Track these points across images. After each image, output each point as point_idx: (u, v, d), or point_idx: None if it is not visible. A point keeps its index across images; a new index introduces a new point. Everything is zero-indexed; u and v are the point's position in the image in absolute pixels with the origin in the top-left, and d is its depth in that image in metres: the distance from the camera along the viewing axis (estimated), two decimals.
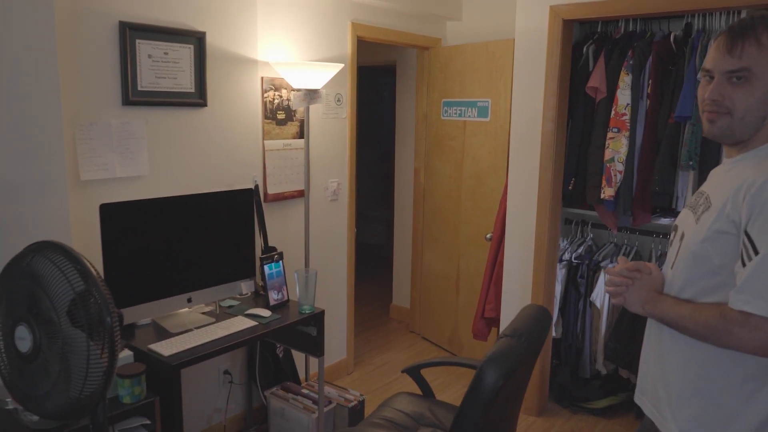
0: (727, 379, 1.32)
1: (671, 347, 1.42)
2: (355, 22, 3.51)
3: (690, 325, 1.30)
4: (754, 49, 1.28)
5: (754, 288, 1.19)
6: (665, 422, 1.42)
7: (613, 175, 3.06)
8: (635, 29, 3.19)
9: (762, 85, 1.29)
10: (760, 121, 1.32)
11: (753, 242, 1.20)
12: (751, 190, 1.23)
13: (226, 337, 2.37)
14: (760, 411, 1.29)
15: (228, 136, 2.89)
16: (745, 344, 1.22)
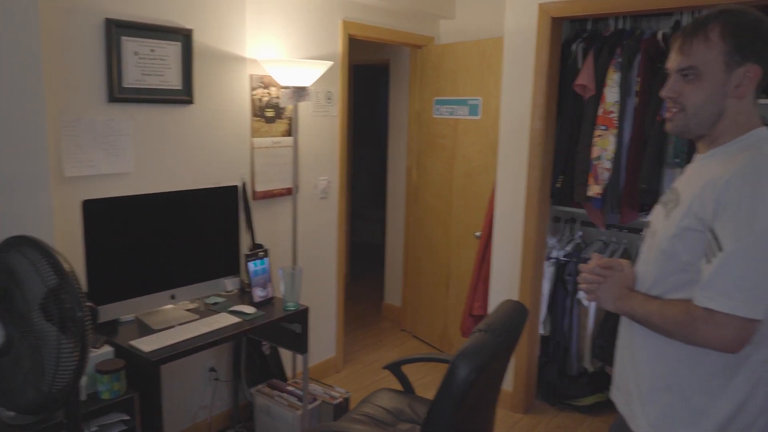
0: (694, 375, 1.32)
1: (641, 344, 1.42)
2: (347, 20, 3.52)
3: (658, 321, 1.31)
4: (702, 47, 1.30)
5: (718, 285, 1.20)
6: (635, 418, 1.43)
7: (600, 172, 3.06)
8: (624, 27, 3.18)
9: (711, 82, 1.31)
10: (715, 117, 1.33)
11: (717, 239, 1.21)
12: (716, 187, 1.23)
13: (209, 333, 2.38)
14: (728, 405, 1.30)
15: (215, 133, 2.90)
16: (710, 341, 1.22)
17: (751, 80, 1.30)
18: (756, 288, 1.18)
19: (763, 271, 1.18)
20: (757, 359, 1.28)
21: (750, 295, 1.18)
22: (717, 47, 1.29)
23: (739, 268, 1.18)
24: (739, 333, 1.19)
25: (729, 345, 1.21)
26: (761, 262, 1.18)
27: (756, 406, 1.30)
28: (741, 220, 1.18)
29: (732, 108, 1.32)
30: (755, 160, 1.24)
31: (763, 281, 1.19)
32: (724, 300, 1.19)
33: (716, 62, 1.29)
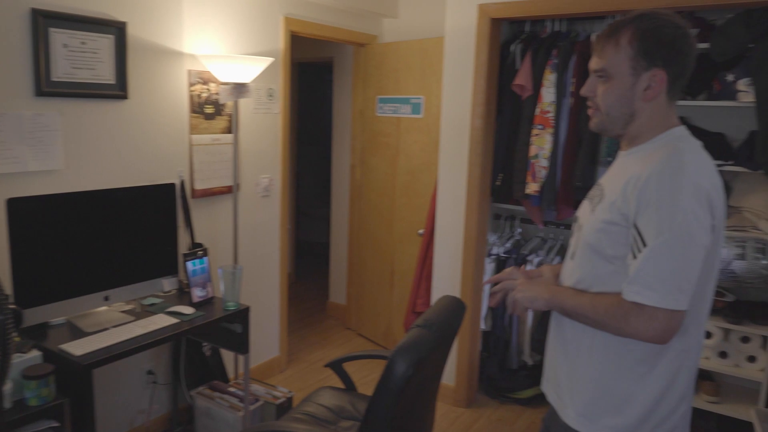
0: (620, 365, 1.37)
1: (570, 337, 1.46)
2: (289, 17, 3.49)
3: (590, 314, 1.34)
4: (612, 50, 1.36)
5: (644, 279, 1.23)
6: (564, 408, 1.47)
7: (538, 170, 3.14)
8: (561, 30, 3.27)
9: (619, 84, 1.37)
10: (627, 117, 1.39)
11: (641, 235, 1.25)
12: (638, 185, 1.28)
13: (145, 335, 2.31)
14: (652, 392, 1.35)
15: (152, 129, 2.82)
16: (640, 333, 1.26)
17: (658, 84, 1.35)
18: (679, 280, 1.23)
19: (685, 264, 1.23)
20: (678, 348, 1.34)
21: (674, 287, 1.22)
22: (624, 51, 1.34)
23: (663, 262, 1.22)
24: (668, 324, 1.23)
25: (658, 336, 1.25)
26: (683, 255, 1.23)
27: (677, 392, 1.36)
28: (662, 216, 1.23)
29: (644, 109, 1.38)
30: (672, 159, 1.28)
31: (686, 273, 1.24)
32: (649, 293, 1.23)
33: (623, 65, 1.35)
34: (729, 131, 3.03)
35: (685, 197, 1.23)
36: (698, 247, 1.25)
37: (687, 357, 1.36)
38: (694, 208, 1.23)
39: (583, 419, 1.42)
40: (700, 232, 1.24)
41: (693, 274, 1.26)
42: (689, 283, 1.25)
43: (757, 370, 2.93)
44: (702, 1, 2.61)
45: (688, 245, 1.23)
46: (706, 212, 1.25)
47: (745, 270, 2.76)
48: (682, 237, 1.23)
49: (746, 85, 2.82)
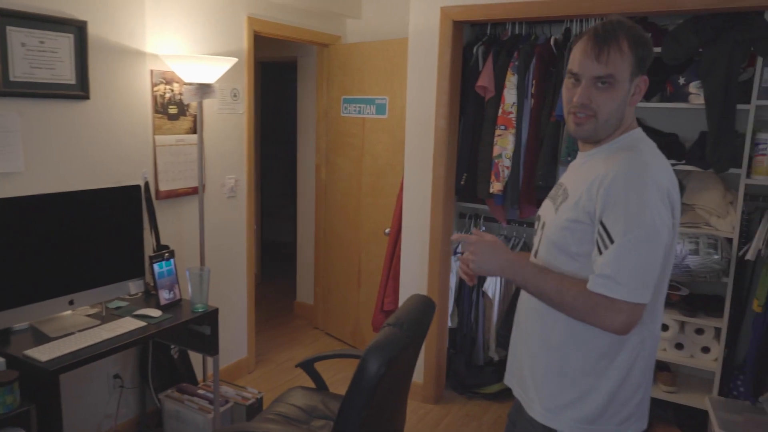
0: (583, 359, 1.42)
1: (534, 333, 1.51)
2: (252, 17, 3.47)
3: (555, 297, 1.36)
4: (618, 56, 1.35)
5: (612, 274, 1.28)
6: (530, 402, 1.52)
7: (501, 170, 3.21)
8: (521, 32, 3.36)
9: (622, 90, 1.38)
10: (618, 123, 1.42)
11: (608, 232, 1.30)
12: (604, 183, 1.33)
13: (112, 339, 2.28)
14: (611, 383, 1.42)
15: (114, 130, 2.78)
16: (606, 325, 1.30)
17: (642, 89, 1.42)
18: (645, 275, 1.29)
19: (649, 260, 1.30)
20: (635, 340, 1.40)
21: (640, 282, 1.28)
22: (627, 58, 1.36)
23: (631, 258, 1.28)
24: (631, 317, 1.29)
25: (622, 329, 1.30)
26: (648, 251, 1.29)
27: (634, 381, 1.43)
28: (630, 215, 1.28)
29: (627, 114, 1.43)
30: (635, 159, 1.35)
31: (650, 269, 1.30)
32: (618, 288, 1.28)
33: (626, 72, 1.37)
34: (681, 132, 3.16)
35: (650, 196, 1.29)
36: (661, 244, 1.31)
37: (643, 348, 1.42)
38: (658, 206, 1.30)
39: (549, 413, 1.47)
40: (663, 229, 1.31)
41: (656, 269, 1.32)
42: (653, 278, 1.31)
43: (710, 361, 3.07)
44: (654, 8, 2.71)
45: (654, 242, 1.30)
46: (668, 210, 1.32)
47: (698, 265, 2.88)
48: (648, 234, 1.29)
49: (697, 87, 2.95)
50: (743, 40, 2.75)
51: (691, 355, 3.12)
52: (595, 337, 1.39)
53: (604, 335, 1.38)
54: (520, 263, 1.43)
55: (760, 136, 2.84)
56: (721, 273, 2.92)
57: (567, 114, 1.46)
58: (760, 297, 2.83)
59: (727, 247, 2.92)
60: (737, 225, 2.89)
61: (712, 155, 2.86)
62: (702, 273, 2.92)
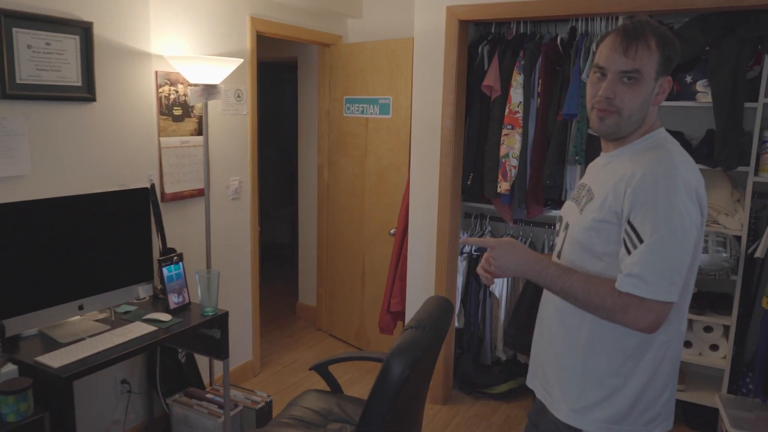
0: (609, 359, 1.42)
1: (559, 334, 1.50)
2: (254, 17, 3.44)
3: (582, 297, 1.35)
4: (646, 53, 1.36)
5: (642, 273, 1.28)
6: (555, 403, 1.51)
7: (508, 170, 3.21)
8: (526, 31, 3.35)
9: (647, 87, 1.38)
10: (641, 121, 1.42)
11: (636, 231, 1.30)
12: (631, 183, 1.32)
13: (123, 344, 2.26)
14: (638, 383, 1.41)
15: (120, 132, 2.74)
16: (636, 323, 1.30)
17: (666, 90, 1.42)
18: (673, 274, 1.29)
19: (678, 259, 1.30)
20: (662, 339, 1.40)
21: (669, 281, 1.29)
22: (654, 56, 1.36)
23: (659, 258, 1.28)
24: (660, 316, 1.29)
25: (649, 327, 1.30)
26: (677, 251, 1.30)
27: (661, 381, 1.43)
28: (658, 214, 1.28)
29: (651, 113, 1.43)
30: (663, 159, 1.35)
31: (678, 268, 1.30)
32: (647, 287, 1.27)
33: (653, 70, 1.37)
34: (688, 130, 3.18)
35: (679, 195, 1.29)
36: (690, 243, 1.32)
37: (669, 347, 1.42)
38: (687, 205, 1.30)
39: (575, 414, 1.46)
40: (692, 228, 1.31)
41: (684, 268, 1.32)
42: (681, 277, 1.31)
43: (719, 358, 3.08)
44: (661, 6, 2.72)
45: (682, 241, 1.30)
46: (696, 209, 1.32)
47: (707, 263, 2.89)
48: (677, 234, 1.29)
49: (704, 86, 2.96)
50: (750, 38, 2.76)
51: (699, 353, 3.13)
52: (621, 336, 1.39)
53: (630, 335, 1.37)
54: (542, 263, 1.42)
55: (767, 134, 2.85)
56: (730, 271, 2.93)
57: (590, 109, 1.45)
58: None
59: (736, 245, 2.93)
60: (746, 223, 2.90)
61: (720, 153, 2.87)
62: (711, 271, 2.93)
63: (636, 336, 1.38)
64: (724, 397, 2.94)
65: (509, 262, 1.43)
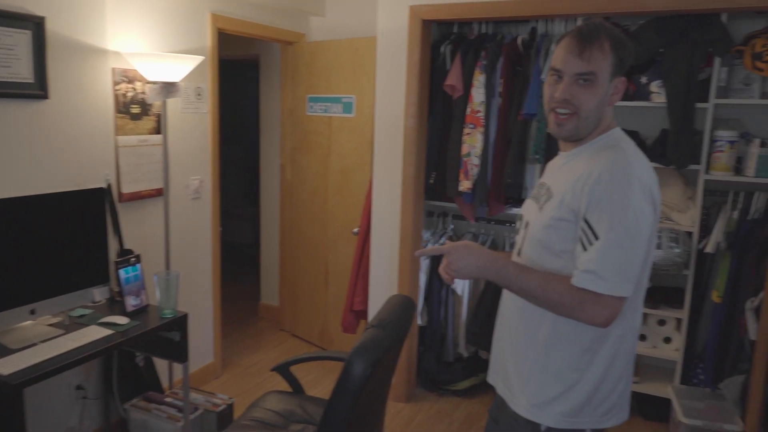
0: (568, 355, 1.45)
1: (518, 329, 1.53)
2: (215, 14, 3.39)
3: (540, 294, 1.37)
4: (600, 55, 1.39)
5: (597, 269, 1.30)
6: (515, 398, 1.53)
7: (470, 168, 3.23)
8: (488, 31, 3.38)
9: (602, 88, 1.41)
10: (597, 122, 1.45)
11: (592, 228, 1.33)
12: (589, 181, 1.35)
13: (77, 349, 2.19)
14: (594, 376, 1.44)
15: (75, 131, 2.67)
16: (592, 319, 1.33)
17: (620, 90, 1.46)
18: (628, 270, 1.33)
19: (632, 256, 1.33)
20: (617, 334, 1.43)
21: (624, 277, 1.32)
22: (608, 57, 1.40)
23: (615, 254, 1.31)
24: (614, 311, 1.33)
25: (605, 321, 1.33)
26: (631, 248, 1.33)
27: (616, 373, 1.47)
28: (614, 213, 1.32)
29: (606, 114, 1.46)
30: (619, 159, 1.38)
31: (632, 264, 1.34)
32: (603, 283, 1.30)
33: (607, 71, 1.41)
34: (643, 129, 3.26)
35: (634, 194, 1.33)
36: (644, 240, 1.35)
37: (624, 341, 1.45)
38: (642, 204, 1.33)
39: (534, 408, 1.48)
40: (645, 226, 1.34)
41: (639, 264, 1.36)
42: (635, 273, 1.35)
43: (672, 350, 3.18)
44: (617, 8, 2.78)
45: (636, 239, 1.33)
46: (650, 207, 1.36)
47: (661, 258, 2.98)
48: (631, 231, 1.32)
49: (658, 87, 3.04)
50: (702, 41, 2.85)
51: (653, 346, 3.22)
52: (579, 332, 1.42)
53: (587, 330, 1.40)
54: (500, 263, 1.42)
55: (717, 134, 2.95)
56: (682, 266, 3.03)
57: (548, 112, 1.48)
58: (719, 288, 2.95)
59: (688, 241, 3.03)
60: (697, 219, 2.99)
61: (673, 152, 2.96)
62: (665, 266, 3.01)
63: (592, 331, 1.41)
64: (676, 387, 3.04)
65: (467, 264, 1.42)
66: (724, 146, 2.93)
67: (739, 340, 2.93)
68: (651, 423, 3.23)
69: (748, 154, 2.95)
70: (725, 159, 2.93)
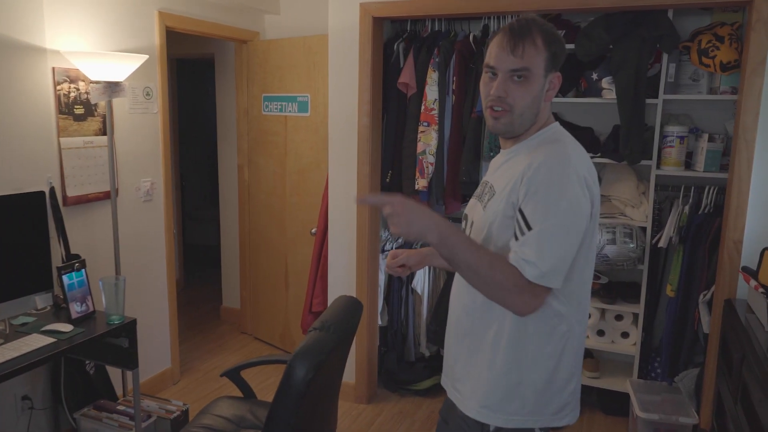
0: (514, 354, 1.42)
1: (467, 330, 1.50)
2: (163, 11, 3.31)
3: (484, 271, 1.29)
4: (533, 50, 1.37)
5: (529, 259, 1.27)
6: (465, 400, 1.51)
7: (426, 166, 3.22)
8: (441, 29, 3.37)
9: (537, 84, 1.39)
10: (533, 118, 1.44)
11: (526, 219, 1.31)
12: (527, 173, 1.34)
13: (17, 358, 2.12)
14: (541, 374, 1.43)
15: (13, 132, 2.57)
16: (520, 307, 1.31)
17: (555, 86, 1.44)
18: (561, 262, 1.31)
19: (566, 248, 1.32)
20: (562, 330, 1.42)
21: (555, 268, 1.30)
22: (541, 53, 1.38)
23: (549, 245, 1.29)
24: (541, 301, 1.33)
25: (530, 311, 1.32)
26: (565, 239, 1.31)
27: (566, 371, 1.45)
28: (548, 202, 1.30)
29: (543, 109, 1.45)
30: (558, 152, 1.37)
31: (565, 256, 1.32)
32: (538, 272, 1.27)
33: (541, 66, 1.39)
34: (596, 126, 3.28)
35: (571, 186, 1.31)
36: (578, 232, 1.34)
37: (570, 336, 1.44)
38: (578, 196, 1.32)
39: (484, 410, 1.46)
40: (580, 219, 1.33)
41: (571, 256, 1.35)
42: (566, 265, 1.33)
43: (630, 345, 3.21)
44: (567, 5, 2.79)
45: (570, 230, 1.32)
46: (587, 200, 1.35)
47: (616, 254, 3.00)
48: (566, 222, 1.31)
49: (608, 83, 3.07)
50: (650, 37, 2.87)
51: (612, 341, 3.25)
52: (524, 330, 1.40)
53: (532, 328, 1.39)
54: (450, 227, 1.29)
55: (667, 129, 2.98)
56: (636, 261, 3.05)
57: (485, 108, 1.46)
58: (673, 282, 2.98)
59: (642, 236, 3.05)
60: (650, 214, 3.02)
61: (625, 148, 2.98)
62: (619, 261, 3.04)
63: (536, 327, 1.39)
64: (634, 382, 3.06)
65: (417, 218, 1.26)
66: (674, 141, 2.96)
67: (694, 333, 2.97)
68: (612, 418, 3.25)
69: (697, 149, 3.00)
70: (675, 154, 2.97)
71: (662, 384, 3.05)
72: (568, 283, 1.38)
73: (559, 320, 1.40)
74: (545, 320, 1.40)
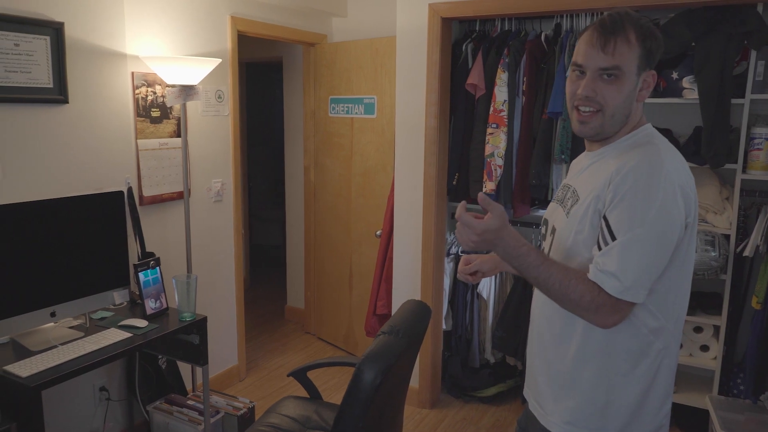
0: (602, 369, 1.35)
1: (550, 344, 1.43)
2: (235, 16, 3.39)
3: (556, 288, 1.26)
4: (625, 47, 1.29)
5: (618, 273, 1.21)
6: (547, 415, 1.45)
7: (494, 169, 3.15)
8: (510, 28, 3.30)
9: (629, 83, 1.32)
10: (625, 119, 1.35)
11: (610, 228, 1.24)
12: (615, 179, 1.26)
13: (96, 351, 2.20)
14: (634, 393, 1.34)
15: (95, 135, 2.69)
16: (601, 321, 1.26)
17: (650, 85, 1.36)
18: (644, 276, 1.23)
19: (652, 260, 1.24)
20: (658, 347, 1.33)
21: (641, 283, 1.23)
22: (635, 50, 1.30)
23: (633, 257, 1.22)
24: (624, 316, 1.25)
25: (611, 325, 1.26)
26: (652, 251, 1.23)
27: (661, 390, 1.36)
28: (635, 211, 1.22)
29: (635, 110, 1.36)
30: (651, 155, 1.28)
31: (651, 269, 1.24)
32: (621, 287, 1.21)
33: (633, 64, 1.31)
34: (675, 127, 3.12)
35: (660, 193, 1.22)
36: (668, 244, 1.25)
37: (666, 355, 1.35)
38: (668, 204, 1.23)
39: (569, 427, 1.39)
40: (671, 228, 1.25)
41: (658, 270, 1.26)
42: (651, 278, 1.25)
43: (710, 359, 3.03)
44: (645, 1, 2.67)
45: (658, 241, 1.24)
46: (680, 209, 1.25)
47: (696, 262, 2.84)
48: (653, 233, 1.23)
49: (690, 82, 2.91)
50: (736, 33, 2.71)
51: (690, 354, 3.08)
52: (613, 346, 1.33)
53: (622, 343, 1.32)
54: (525, 247, 1.27)
55: (755, 131, 2.80)
56: (719, 270, 2.88)
57: (571, 109, 1.39)
58: (759, 294, 2.80)
59: (725, 244, 2.88)
60: (734, 221, 2.85)
61: (708, 150, 2.82)
62: (700, 270, 2.88)
63: (627, 344, 1.32)
64: (714, 398, 2.89)
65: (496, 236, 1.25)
66: (761, 144, 2.78)
67: None
68: None
69: None
70: (763, 157, 2.78)
71: (746, 402, 2.86)
72: (665, 297, 1.30)
73: (655, 337, 1.32)
74: (639, 337, 1.32)
